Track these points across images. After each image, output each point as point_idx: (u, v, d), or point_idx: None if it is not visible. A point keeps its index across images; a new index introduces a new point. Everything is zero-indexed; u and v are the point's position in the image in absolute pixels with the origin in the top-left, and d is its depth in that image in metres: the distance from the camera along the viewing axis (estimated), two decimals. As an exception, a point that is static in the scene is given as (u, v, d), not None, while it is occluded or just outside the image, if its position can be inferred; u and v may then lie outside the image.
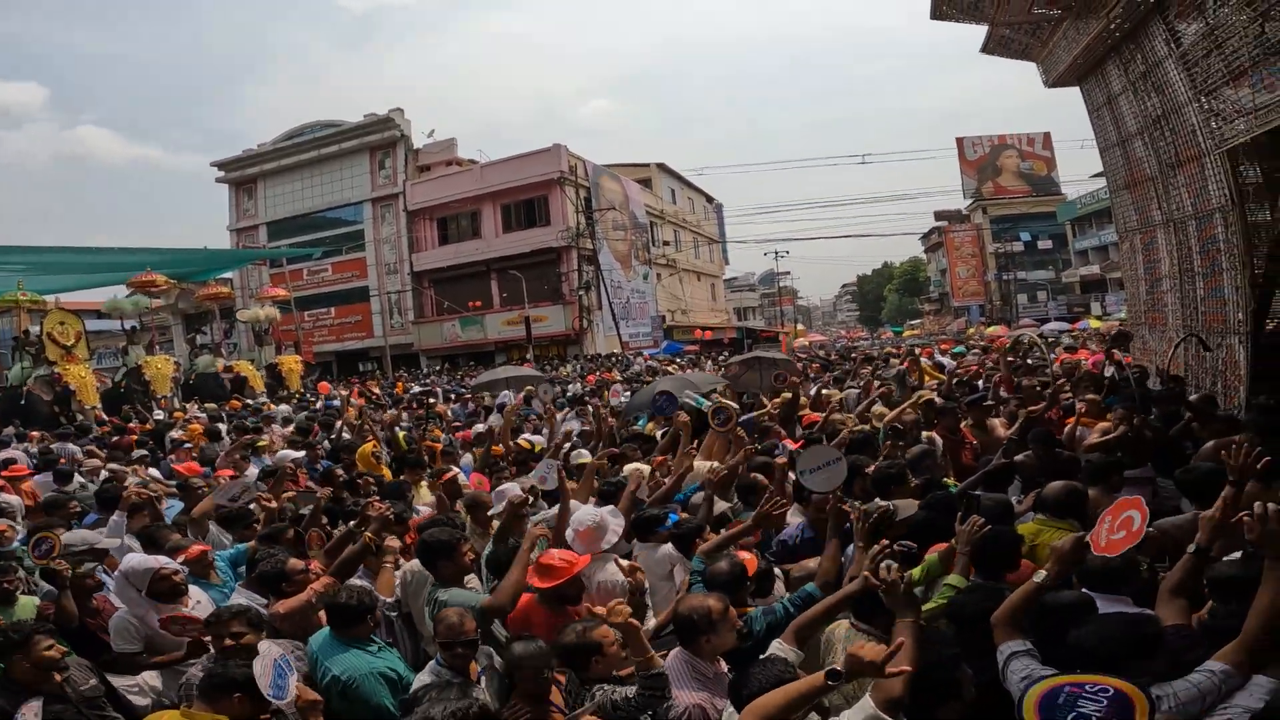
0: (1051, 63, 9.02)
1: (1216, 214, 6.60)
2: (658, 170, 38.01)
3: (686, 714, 2.39)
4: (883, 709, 1.94)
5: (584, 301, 28.97)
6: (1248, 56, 5.59)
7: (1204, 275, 7.03)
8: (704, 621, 2.49)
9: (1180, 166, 7.13)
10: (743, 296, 63.72)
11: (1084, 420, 5.63)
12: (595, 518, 3.41)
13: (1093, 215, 35.70)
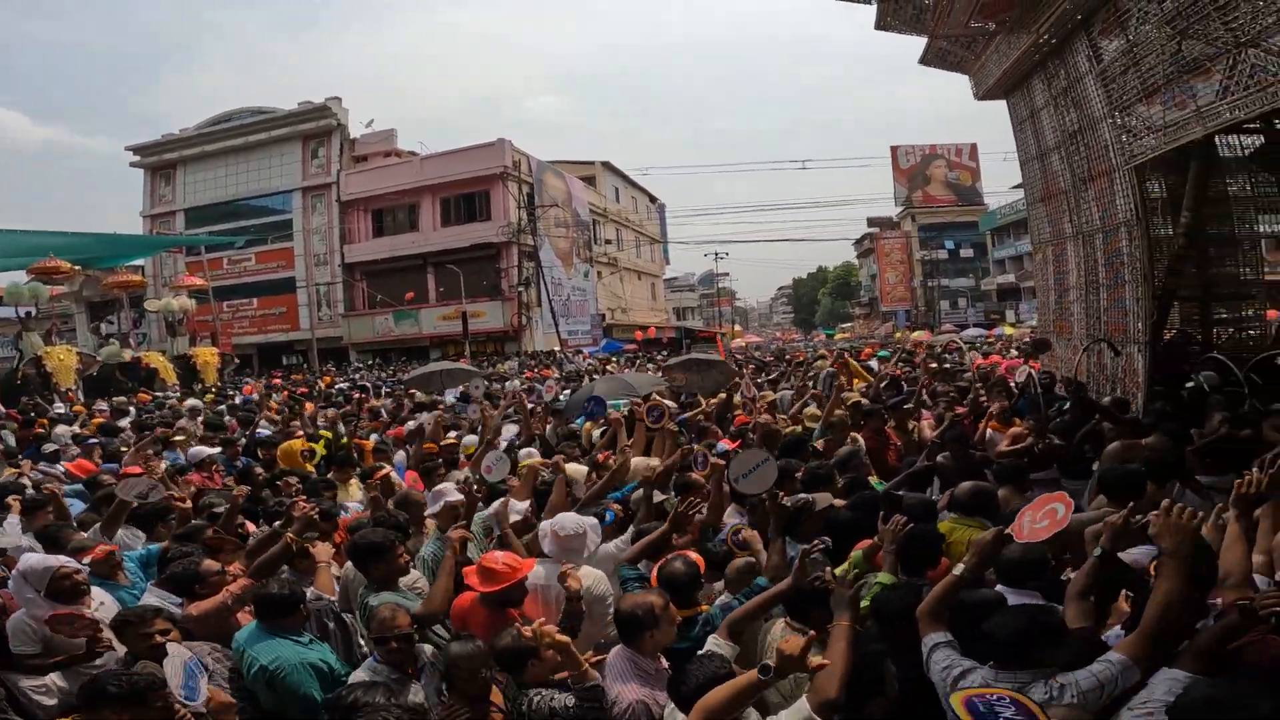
0: (983, 76, 9.41)
1: (1122, 228, 7.04)
2: (602, 168, 38.07)
3: (629, 710, 2.39)
4: (817, 711, 1.98)
5: (523, 298, 28.61)
6: (1162, 74, 5.92)
7: (1108, 287, 7.52)
8: (648, 617, 2.50)
9: (1092, 181, 7.56)
10: (682, 296, 64.36)
11: (993, 424, 5.95)
12: (579, 526, 3.35)
13: (1011, 226, 37.65)
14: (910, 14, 8.16)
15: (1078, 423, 5.84)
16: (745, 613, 2.60)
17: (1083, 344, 8.06)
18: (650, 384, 8.71)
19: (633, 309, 38.61)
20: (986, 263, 43.40)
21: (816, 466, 4.30)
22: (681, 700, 2.15)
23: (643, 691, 2.43)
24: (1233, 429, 4.94)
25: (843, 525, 3.49)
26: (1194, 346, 7.23)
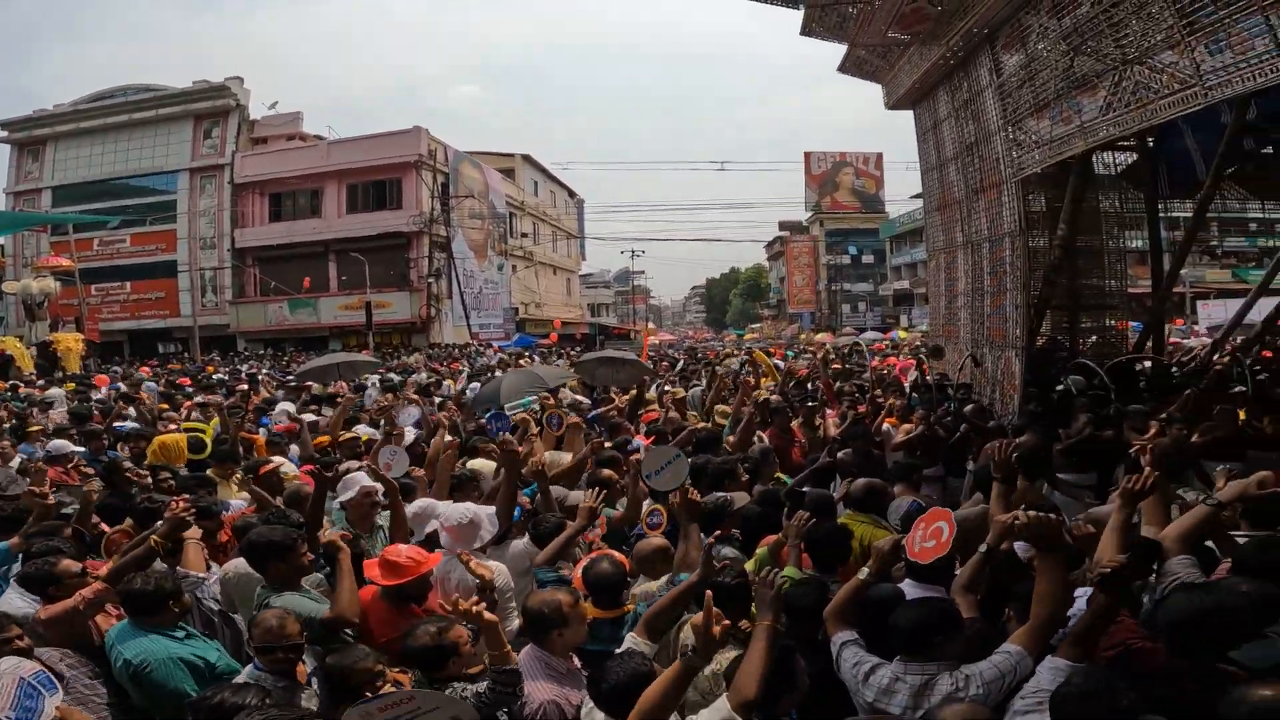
0: (894, 86, 9.82)
1: (1006, 238, 7.55)
2: (522, 161, 37.65)
3: (541, 710, 2.34)
4: (738, 710, 1.99)
5: (433, 289, 27.70)
6: (1054, 90, 6.32)
7: (991, 294, 8.07)
8: (555, 615, 2.45)
9: (983, 192, 8.06)
10: (598, 293, 64.32)
11: (890, 420, 6.27)
12: (468, 514, 3.26)
13: (908, 234, 39.94)
14: (834, 21, 8.43)
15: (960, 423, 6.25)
16: (661, 609, 2.58)
17: (968, 348, 8.64)
18: (559, 377, 8.59)
19: (547, 304, 38.23)
20: (885, 269, 45.86)
21: (723, 462, 4.39)
22: (602, 699, 2.12)
23: (555, 691, 2.39)
24: (1096, 430, 5.45)
25: (750, 520, 3.58)
26: (1063, 353, 7.88)
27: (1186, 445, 4.67)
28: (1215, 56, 4.47)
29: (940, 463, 5.60)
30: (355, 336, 25.95)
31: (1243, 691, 1.60)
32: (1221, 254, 25.88)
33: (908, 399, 7.59)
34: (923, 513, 2.90)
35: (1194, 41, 4.57)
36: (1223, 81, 4.42)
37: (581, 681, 2.46)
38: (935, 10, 7.46)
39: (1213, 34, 4.45)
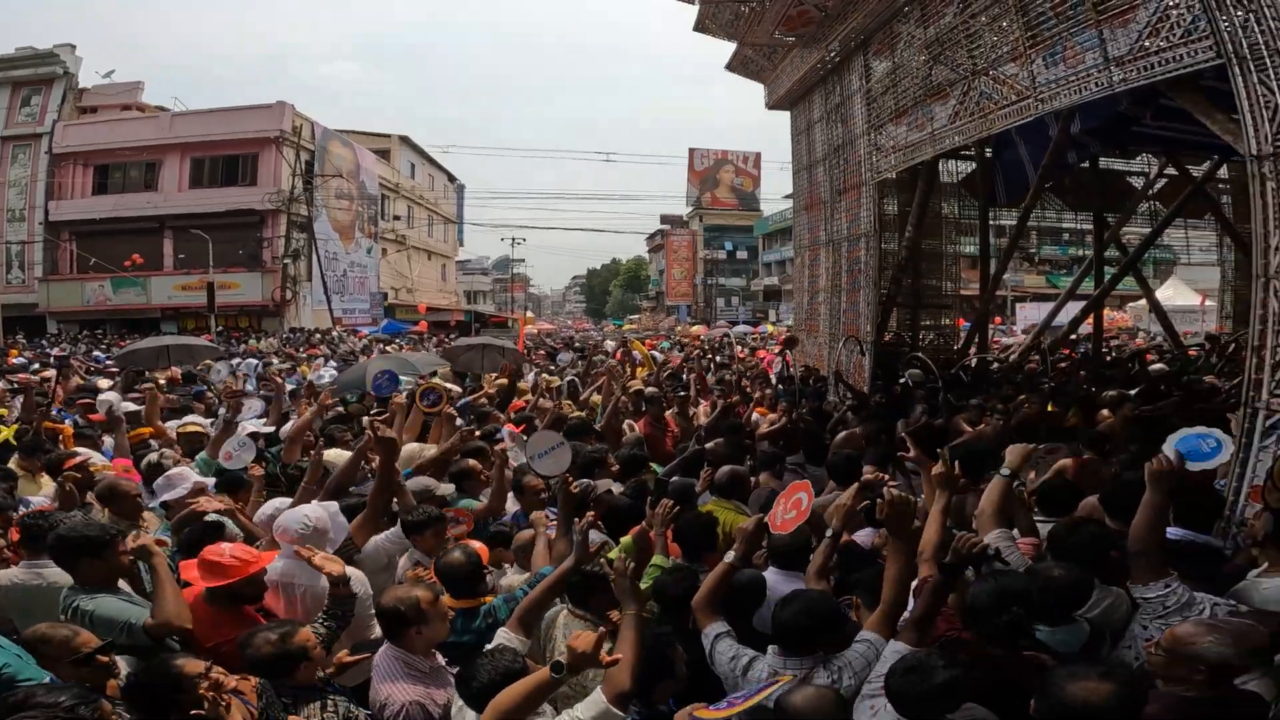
0: (776, 86, 10.18)
1: (862, 239, 8.11)
2: (399, 143, 36.05)
3: (404, 712, 2.22)
4: (613, 703, 1.96)
5: (290, 271, 25.58)
6: (913, 97, 6.76)
7: (847, 291, 8.66)
8: (412, 612, 2.33)
9: (845, 193, 8.58)
10: (475, 280, 62.33)
11: (760, 410, 6.55)
12: (310, 521, 2.94)
13: (779, 232, 41.91)
14: (727, 19, 8.61)
15: (820, 414, 6.64)
16: (532, 602, 2.52)
17: (827, 342, 9.22)
18: (430, 363, 8.22)
19: (420, 289, 36.59)
20: (757, 265, 47.95)
21: (592, 451, 4.39)
22: (472, 698, 2.05)
23: (417, 691, 2.28)
24: (930, 419, 5.98)
25: (620, 510, 3.57)
26: (905, 348, 8.59)
27: (1005, 435, 5.21)
28: (1050, 69, 4.93)
29: (800, 451, 5.92)
30: (194, 319, 23.46)
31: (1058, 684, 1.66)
32: (1038, 260, 29.39)
33: (775, 390, 7.97)
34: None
35: (1034, 54, 5.04)
36: (1054, 94, 4.91)
37: (447, 679, 2.36)
38: (819, 14, 7.82)
39: (1051, 47, 4.90)
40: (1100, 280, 10.38)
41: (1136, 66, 4.18)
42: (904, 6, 6.74)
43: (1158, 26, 4.01)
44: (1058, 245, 29.80)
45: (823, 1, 7.52)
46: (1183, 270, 20.29)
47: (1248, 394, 3.49)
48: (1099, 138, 8.49)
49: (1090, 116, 7.44)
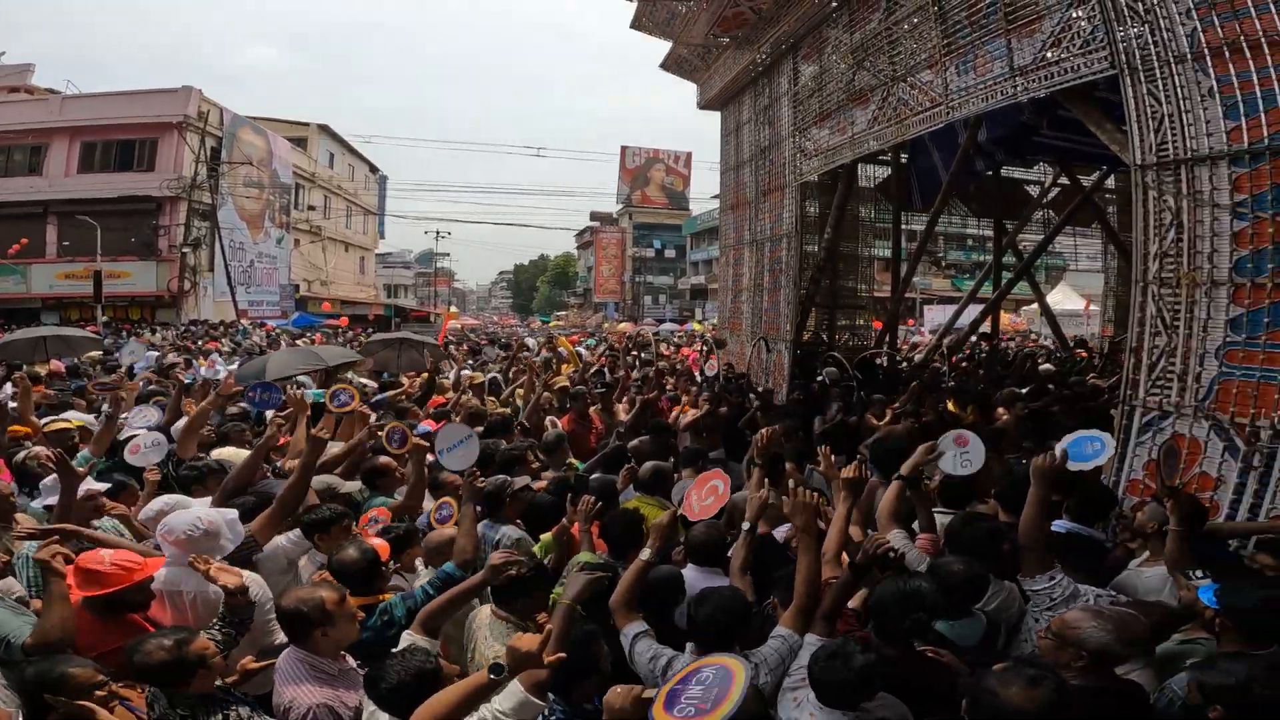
0: (708, 87, 10.26)
1: (784, 239, 8.30)
2: (318, 131, 34.45)
3: (311, 714, 2.12)
4: (531, 691, 1.93)
5: (189, 260, 23.92)
6: (836, 101, 6.94)
7: (769, 290, 8.85)
8: (316, 613, 2.22)
9: (769, 194, 8.75)
10: (396, 273, 60.22)
11: (684, 408, 6.60)
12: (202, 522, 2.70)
13: (707, 231, 42.51)
14: (664, 17, 8.60)
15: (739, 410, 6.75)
16: (441, 605, 2.43)
17: (750, 340, 9.41)
18: (339, 356, 7.80)
19: (336, 282, 35.02)
20: (685, 264, 48.52)
21: (511, 448, 4.30)
22: (382, 700, 1.98)
23: (324, 693, 2.18)
24: (845, 417, 6.19)
25: (542, 508, 3.56)
26: (822, 347, 8.88)
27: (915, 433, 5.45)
28: (961, 77, 5.15)
29: (722, 446, 5.99)
30: (78, 309, 21.60)
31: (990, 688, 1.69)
32: (945, 265, 30.97)
33: (699, 387, 8.05)
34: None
35: (948, 62, 5.25)
36: (963, 101, 5.13)
37: (358, 681, 2.25)
38: (754, 17, 7.92)
39: (964, 55, 5.12)
40: (998, 284, 11.05)
41: (1038, 76, 4.41)
42: (833, 11, 6.91)
43: (1060, 37, 4.23)
44: (963, 250, 31.53)
45: (757, 4, 7.64)
46: (1071, 276, 21.91)
47: (1126, 393, 3.76)
48: (1004, 147, 9.01)
49: (996, 125, 7.87)
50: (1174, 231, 3.43)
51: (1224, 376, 3.28)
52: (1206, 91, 3.32)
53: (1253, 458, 3.14)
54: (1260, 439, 3.11)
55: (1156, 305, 3.56)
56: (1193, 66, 3.37)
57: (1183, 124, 3.42)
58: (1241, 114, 3.17)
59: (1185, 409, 3.44)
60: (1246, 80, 3.16)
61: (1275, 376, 3.07)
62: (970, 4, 4.97)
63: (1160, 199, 3.50)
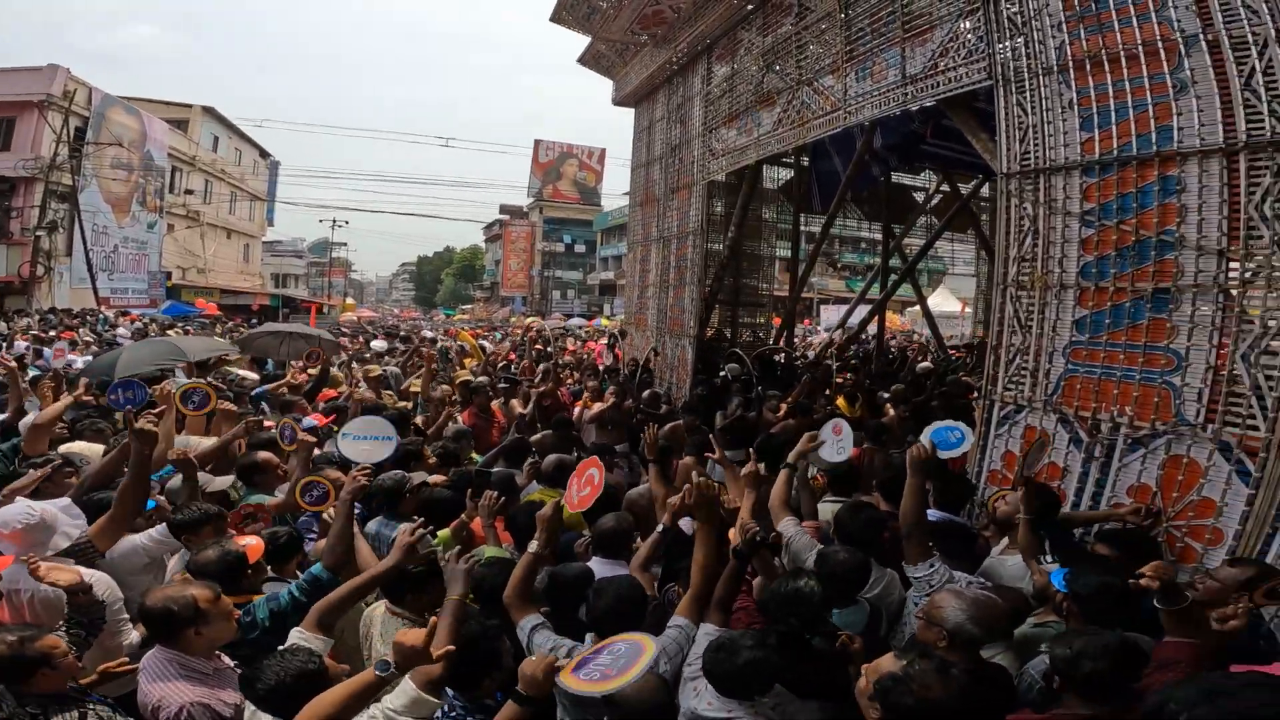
0: (624, 83, 10.18)
1: (690, 237, 8.43)
2: (202, 113, 31.85)
3: (184, 712, 2.01)
4: (425, 690, 1.90)
5: (44, 244, 21.52)
6: (745, 103, 7.06)
7: (674, 287, 8.98)
8: (188, 611, 2.11)
9: (677, 192, 8.85)
10: (286, 262, 56.54)
11: (587, 403, 6.61)
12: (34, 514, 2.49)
13: (616, 228, 42.62)
14: (584, 12, 8.47)
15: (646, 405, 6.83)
16: (334, 603, 2.34)
17: (655, 336, 9.51)
18: (209, 348, 7.20)
19: (215, 270, 32.52)
20: (594, 259, 48.49)
21: (408, 442, 4.16)
22: (261, 700, 1.91)
23: (198, 691, 2.08)
24: (745, 411, 6.38)
25: (441, 503, 3.48)
26: (725, 344, 9.11)
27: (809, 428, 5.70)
28: (859, 83, 5.35)
29: (627, 440, 6.04)
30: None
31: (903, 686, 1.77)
32: (840, 266, 32.70)
33: (600, 381, 8.07)
34: None
35: (849, 68, 5.45)
36: (860, 107, 5.34)
37: (235, 681, 2.14)
38: (673, 15, 7.95)
39: (863, 62, 5.32)
40: (885, 286, 11.74)
41: (925, 85, 4.64)
42: (749, 14, 7.04)
43: (948, 47, 4.45)
44: (857, 253, 33.30)
45: (677, 3, 7.69)
46: (950, 280, 23.63)
47: (986, 388, 4.08)
48: (897, 153, 9.55)
49: (890, 132, 8.33)
50: (1031, 237, 3.75)
51: (1070, 373, 3.59)
52: (1067, 103, 3.57)
53: (1094, 449, 3.46)
54: (1101, 431, 3.44)
55: (1014, 306, 3.87)
56: (1058, 78, 3.62)
57: (1044, 134, 3.69)
58: (1095, 126, 3.45)
59: (1036, 403, 3.75)
60: (1103, 93, 3.42)
61: (1114, 373, 3.40)
62: (873, 12, 5.19)
63: (1020, 206, 3.81)
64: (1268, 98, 2.81)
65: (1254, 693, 1.36)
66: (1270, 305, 2.85)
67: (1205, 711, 1.36)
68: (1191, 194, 3.05)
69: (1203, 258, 3.02)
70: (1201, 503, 3.06)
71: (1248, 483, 2.88)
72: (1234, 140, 2.91)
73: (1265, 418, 2.83)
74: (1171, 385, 3.15)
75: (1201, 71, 3.02)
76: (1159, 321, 3.19)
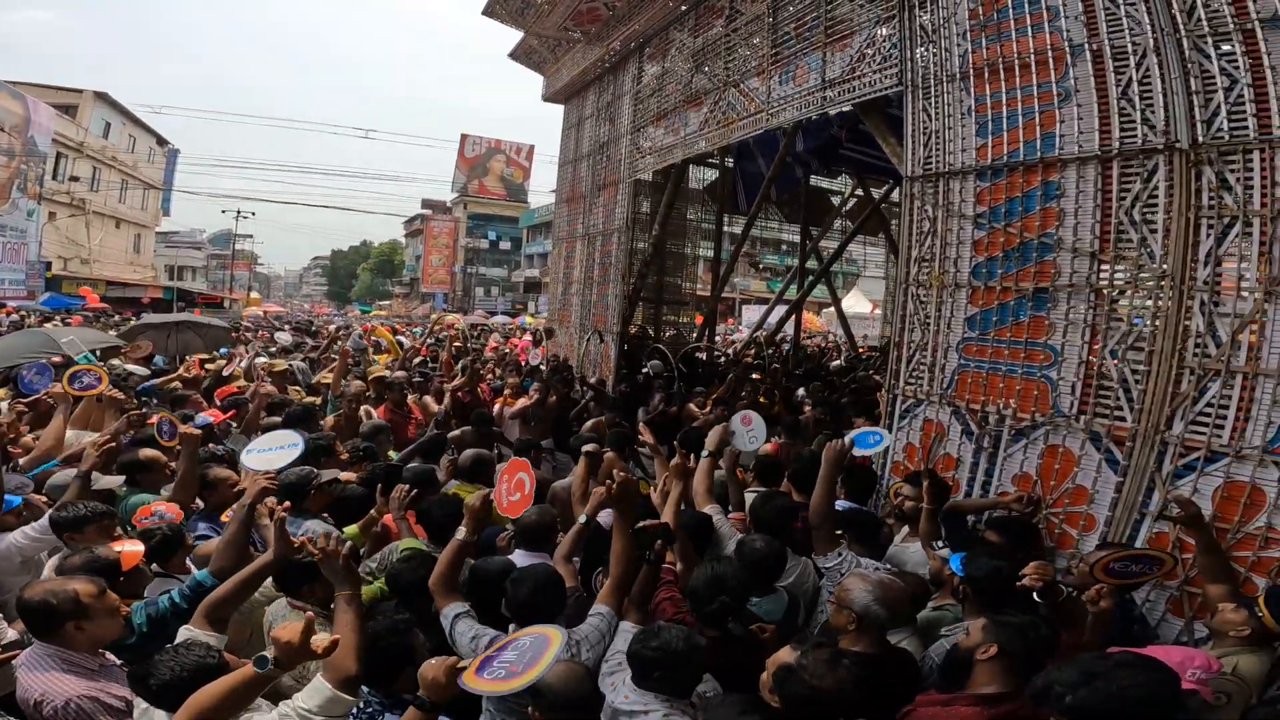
0: (555, 79, 10.04)
1: (615, 234, 8.45)
2: (95, 99, 29.65)
3: (71, 706, 1.92)
4: (340, 688, 1.86)
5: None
6: (674, 102, 7.12)
7: (598, 284, 8.98)
8: (68, 605, 2.03)
9: (604, 189, 8.85)
10: (182, 254, 52.87)
11: (508, 400, 6.52)
12: None
13: (544, 225, 42.06)
14: (517, 7, 8.29)
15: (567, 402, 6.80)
16: (224, 596, 2.25)
17: (578, 332, 9.48)
18: (94, 341, 6.65)
19: (102, 261, 30.13)
20: (520, 256, 47.82)
21: (318, 437, 3.98)
22: (154, 696, 1.83)
23: (83, 685, 1.99)
24: (668, 406, 6.46)
25: (352, 500, 3.40)
26: (648, 341, 9.19)
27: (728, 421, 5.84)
28: (782, 86, 5.48)
29: (551, 436, 5.99)
30: None
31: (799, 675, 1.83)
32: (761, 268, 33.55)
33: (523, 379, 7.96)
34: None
35: (774, 70, 5.57)
36: (782, 109, 5.48)
37: (121, 677, 2.05)
38: (608, 13, 7.90)
39: (786, 66, 5.45)
40: (801, 285, 12.16)
41: (843, 88, 4.81)
42: (682, 15, 7.10)
43: (866, 53, 4.63)
44: (778, 255, 34.30)
45: (612, 1, 7.66)
46: (862, 282, 24.73)
47: (890, 382, 4.30)
48: (818, 156, 9.88)
49: (811, 136, 8.61)
50: (931, 238, 3.97)
51: (962, 368, 3.83)
52: (966, 110, 3.79)
53: (983, 440, 3.71)
54: (989, 423, 3.69)
55: (914, 304, 4.09)
56: (959, 85, 3.83)
57: (945, 140, 3.91)
58: (990, 132, 3.68)
59: (933, 397, 3.98)
60: (998, 100, 3.65)
61: (1000, 368, 3.65)
62: (798, 17, 5.34)
63: (922, 209, 4.03)
64: (1141, 106, 3.06)
65: (1126, 673, 1.56)
66: (1136, 305, 3.13)
67: (1085, 693, 1.54)
68: (1070, 199, 3.31)
69: (1077, 259, 3.28)
70: (1076, 490, 3.32)
71: (1116, 470, 3.15)
72: (1109, 148, 3.17)
73: (1131, 409, 3.10)
74: (1049, 379, 3.41)
75: (1084, 80, 3.26)
76: (1039, 319, 3.45)
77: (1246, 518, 2.75)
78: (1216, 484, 2.83)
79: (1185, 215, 2.89)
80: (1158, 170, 3.00)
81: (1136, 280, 3.10)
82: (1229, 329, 2.78)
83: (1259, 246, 2.70)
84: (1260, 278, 2.69)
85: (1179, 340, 2.92)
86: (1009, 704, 1.90)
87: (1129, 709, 1.52)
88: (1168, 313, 2.95)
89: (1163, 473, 2.98)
